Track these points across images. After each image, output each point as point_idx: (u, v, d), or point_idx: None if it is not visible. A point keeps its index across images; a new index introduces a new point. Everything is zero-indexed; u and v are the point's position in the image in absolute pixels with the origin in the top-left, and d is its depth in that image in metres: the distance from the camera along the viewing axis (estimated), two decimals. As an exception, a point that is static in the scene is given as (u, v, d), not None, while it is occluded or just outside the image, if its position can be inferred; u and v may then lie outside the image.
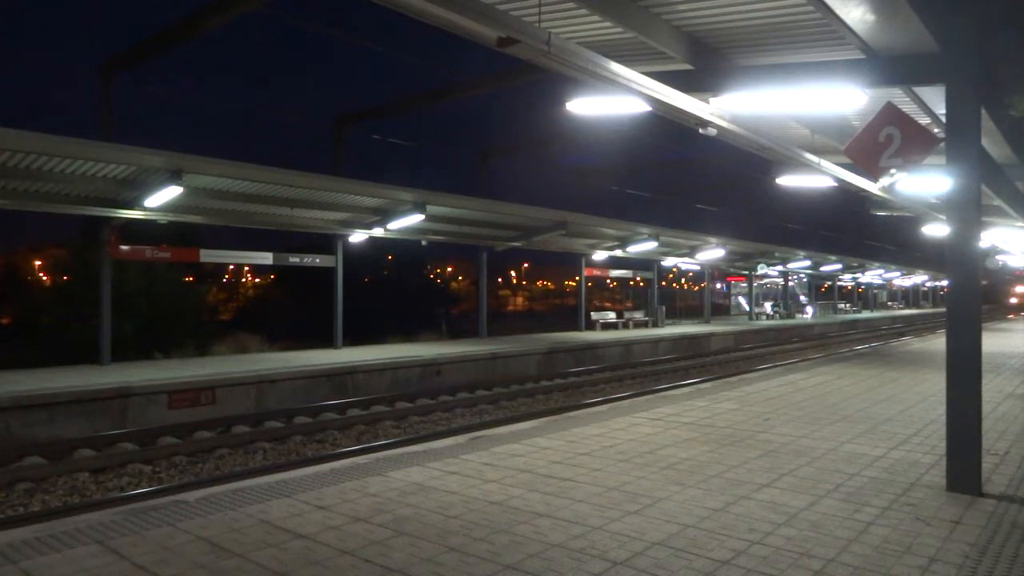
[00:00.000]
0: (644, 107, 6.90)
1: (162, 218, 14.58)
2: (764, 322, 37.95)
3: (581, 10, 5.82)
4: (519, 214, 19.87)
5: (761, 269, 38.38)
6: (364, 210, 17.29)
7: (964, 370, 5.18)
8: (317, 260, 18.86)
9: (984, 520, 4.51)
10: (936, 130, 7.97)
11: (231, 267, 49.14)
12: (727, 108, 7.43)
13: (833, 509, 4.69)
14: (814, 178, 11.30)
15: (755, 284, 43.22)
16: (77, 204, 13.32)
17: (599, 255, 26.92)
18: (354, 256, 20.55)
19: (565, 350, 20.41)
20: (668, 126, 8.89)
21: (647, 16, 5.99)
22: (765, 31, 6.27)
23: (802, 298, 53.44)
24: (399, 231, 18.72)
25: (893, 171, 6.09)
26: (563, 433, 7.20)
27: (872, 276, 58.06)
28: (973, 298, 5.21)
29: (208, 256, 18.23)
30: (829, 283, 56.56)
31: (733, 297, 54.12)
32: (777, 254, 36.85)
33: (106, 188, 13.07)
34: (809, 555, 3.89)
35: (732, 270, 41.66)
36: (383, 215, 17.64)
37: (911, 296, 77.75)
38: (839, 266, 46.34)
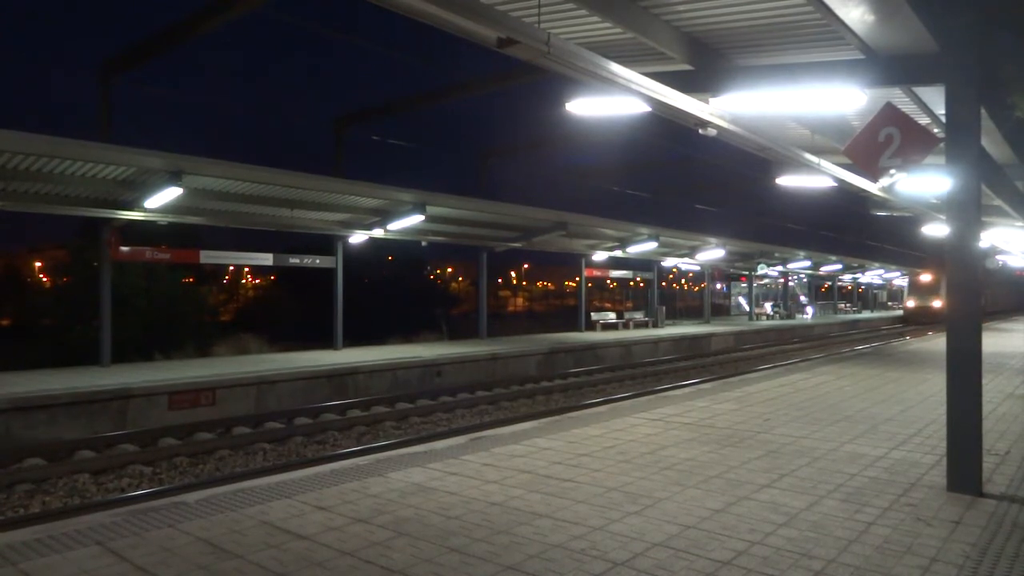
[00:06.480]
0: (644, 108, 6.89)
1: (162, 219, 14.59)
2: (764, 322, 37.94)
3: (581, 10, 5.82)
4: (519, 215, 19.87)
5: (761, 269, 38.38)
6: (364, 211, 17.29)
7: (964, 370, 5.18)
8: (317, 261, 18.86)
9: (985, 520, 4.51)
10: (936, 130, 7.97)
11: (231, 268, 49.11)
12: (727, 108, 7.43)
13: (834, 509, 4.69)
14: (814, 178, 11.29)
15: (755, 284, 43.23)
16: (77, 205, 13.32)
17: (599, 256, 26.91)
18: (354, 257, 20.56)
19: (565, 351, 20.41)
20: (668, 126, 8.89)
21: (647, 17, 5.99)
22: (765, 31, 6.26)
23: (802, 298, 53.45)
24: (399, 232, 18.72)
25: (893, 171, 6.08)
26: (563, 434, 7.20)
27: (872, 276, 58.07)
28: (973, 298, 5.21)
29: (208, 257, 18.24)
30: (829, 283, 56.57)
31: (733, 297, 54.12)
32: (777, 254, 36.83)
33: (106, 189, 13.07)
34: (810, 556, 3.89)
35: (732, 270, 41.64)
36: (383, 216, 17.64)
37: (911, 296, 77.55)
38: (839, 266, 46.31)
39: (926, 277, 47.05)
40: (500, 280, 70.56)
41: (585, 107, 6.93)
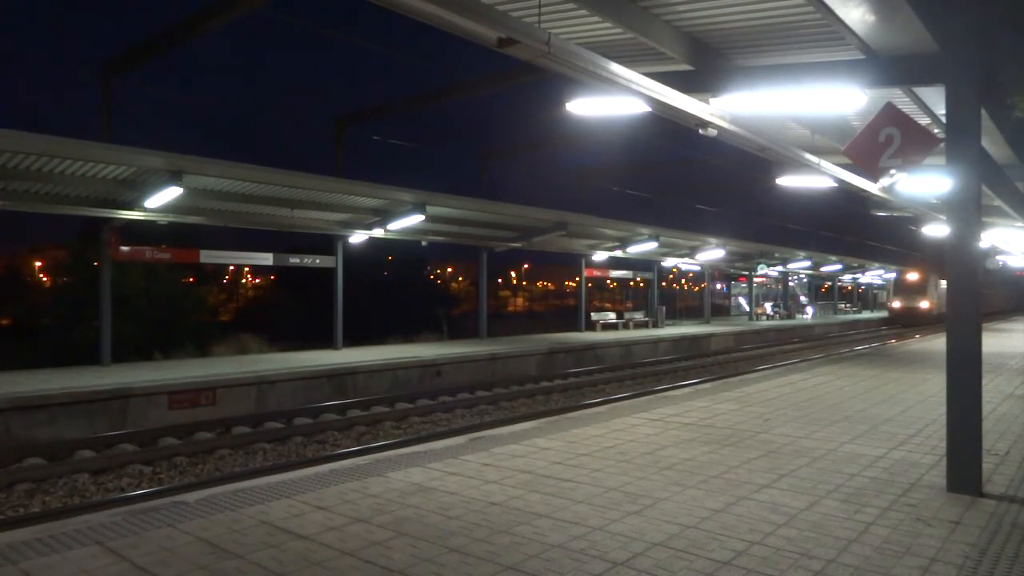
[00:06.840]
0: (644, 108, 6.89)
1: (162, 219, 14.59)
2: (764, 322, 37.94)
3: (581, 11, 5.82)
4: (519, 215, 19.87)
5: (761, 270, 38.38)
6: (364, 211, 17.30)
7: (964, 370, 5.18)
8: (317, 261, 18.86)
9: (984, 520, 4.51)
10: (936, 130, 7.97)
11: (231, 268, 49.13)
12: (727, 109, 7.43)
13: (833, 510, 4.69)
14: (814, 178, 11.29)
15: (755, 284, 43.24)
16: (77, 205, 13.32)
17: (599, 256, 26.91)
18: (354, 257, 20.55)
19: (565, 351, 20.41)
20: (668, 126, 8.88)
21: (647, 17, 5.99)
22: (765, 31, 6.26)
23: (802, 298, 53.45)
24: (399, 232, 18.72)
25: (893, 171, 6.09)
26: (563, 434, 7.20)
27: (872, 276, 58.08)
28: (973, 298, 5.21)
29: (208, 257, 18.23)
30: (829, 283, 56.57)
31: (733, 297, 54.13)
32: (777, 254, 36.84)
33: (106, 189, 13.07)
34: (809, 556, 3.89)
35: (732, 271, 41.64)
36: (383, 216, 17.65)
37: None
38: (839, 266, 46.31)
39: (912, 276, 44.56)
40: (500, 280, 70.57)
41: (585, 107, 6.94)
